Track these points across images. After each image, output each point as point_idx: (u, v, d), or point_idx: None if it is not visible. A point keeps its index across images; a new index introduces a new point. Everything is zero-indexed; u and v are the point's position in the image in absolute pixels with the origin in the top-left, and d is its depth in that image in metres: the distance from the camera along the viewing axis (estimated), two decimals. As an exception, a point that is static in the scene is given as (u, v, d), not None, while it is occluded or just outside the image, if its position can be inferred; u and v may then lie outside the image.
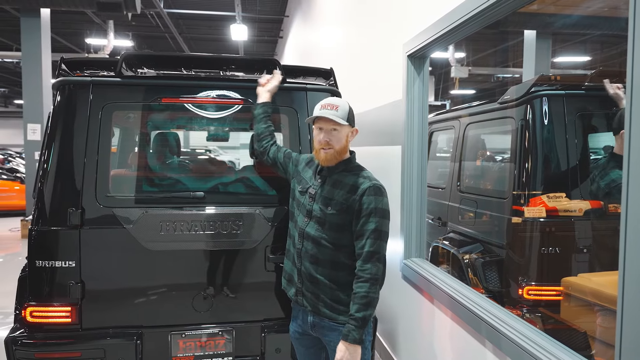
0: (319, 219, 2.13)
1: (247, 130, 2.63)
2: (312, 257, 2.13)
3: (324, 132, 2.10)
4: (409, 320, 3.30)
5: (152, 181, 2.52)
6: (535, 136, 2.98)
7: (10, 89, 24.19)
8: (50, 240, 2.41)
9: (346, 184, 2.11)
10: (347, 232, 2.10)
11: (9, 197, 11.10)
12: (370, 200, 2.04)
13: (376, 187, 2.07)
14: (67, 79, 2.48)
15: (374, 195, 2.04)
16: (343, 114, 2.10)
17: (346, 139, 2.14)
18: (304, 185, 2.24)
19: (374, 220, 2.02)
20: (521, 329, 1.98)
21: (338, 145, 2.11)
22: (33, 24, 8.96)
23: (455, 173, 4.01)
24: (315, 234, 2.12)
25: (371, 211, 2.03)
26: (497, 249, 3.32)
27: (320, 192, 2.16)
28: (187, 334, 2.50)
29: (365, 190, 2.05)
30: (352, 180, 2.11)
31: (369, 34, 4.35)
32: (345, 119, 2.10)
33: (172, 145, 2.86)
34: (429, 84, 3.25)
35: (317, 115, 2.10)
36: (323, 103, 2.13)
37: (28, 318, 2.40)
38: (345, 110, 2.12)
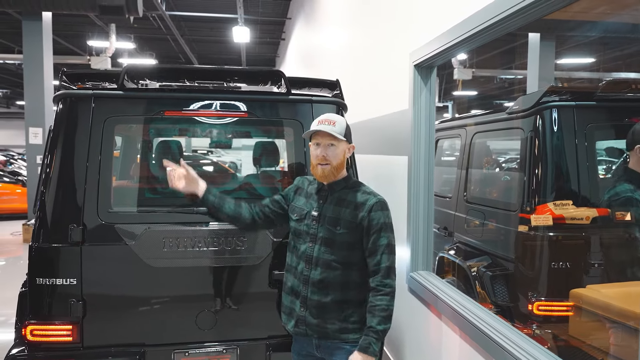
0: (326, 240, 2.09)
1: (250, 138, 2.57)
2: (320, 282, 2.08)
3: (321, 147, 2.08)
4: (415, 334, 3.24)
5: (154, 196, 2.47)
6: (545, 148, 2.93)
7: (12, 90, 24.20)
8: (51, 257, 2.36)
9: (351, 201, 2.10)
10: (357, 250, 2.09)
11: (11, 201, 11.07)
12: (379, 215, 2.05)
13: (382, 202, 2.09)
14: (69, 92, 2.43)
15: (381, 211, 2.06)
16: (340, 130, 2.08)
17: (343, 155, 2.12)
18: (299, 212, 2.19)
19: (385, 235, 2.04)
20: (532, 352, 1.93)
21: (335, 161, 2.08)
22: (35, 27, 8.93)
23: (461, 182, 3.96)
24: (324, 257, 2.08)
25: (381, 226, 2.04)
26: (505, 262, 3.26)
27: (325, 212, 2.12)
28: (191, 352, 2.45)
29: (372, 206, 2.06)
30: (357, 197, 2.10)
31: (375, 41, 4.29)
32: (342, 134, 2.08)
33: (174, 159, 2.81)
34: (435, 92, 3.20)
35: (315, 130, 2.07)
36: (320, 119, 2.11)
37: (28, 336, 2.36)
38: (343, 127, 2.10)
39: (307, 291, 2.11)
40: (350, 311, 2.08)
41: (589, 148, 2.92)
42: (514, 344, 2.02)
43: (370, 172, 3.92)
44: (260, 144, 2.93)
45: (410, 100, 3.16)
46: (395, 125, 3.51)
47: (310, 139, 2.14)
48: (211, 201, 2.18)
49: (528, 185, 2.98)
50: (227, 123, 2.57)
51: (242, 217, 2.22)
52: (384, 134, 3.79)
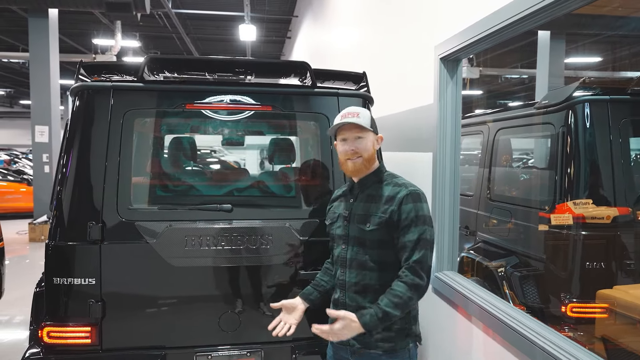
0: (358, 239, 1.96)
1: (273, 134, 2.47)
2: (356, 285, 1.96)
3: (349, 141, 1.97)
4: (440, 337, 3.13)
5: (176, 193, 2.37)
6: (578, 143, 2.82)
7: (16, 89, 24.15)
8: (68, 256, 2.27)
9: (381, 195, 1.95)
10: (390, 249, 1.94)
11: (16, 199, 11.01)
12: (409, 208, 1.88)
13: (415, 193, 1.91)
14: (86, 84, 2.34)
15: (412, 203, 1.89)
16: (366, 121, 1.96)
17: (373, 147, 2.00)
18: (332, 216, 2.10)
19: (415, 229, 1.86)
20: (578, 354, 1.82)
21: (366, 153, 1.97)
22: (41, 25, 8.85)
23: (484, 180, 3.85)
24: (357, 258, 1.96)
25: (412, 220, 1.87)
26: (535, 261, 3.15)
27: (355, 210, 2.00)
28: (213, 355, 2.36)
29: (402, 198, 1.90)
30: (387, 190, 1.96)
31: (395, 35, 4.19)
32: (369, 125, 1.97)
33: (195, 154, 2.71)
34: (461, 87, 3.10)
35: (340, 124, 1.96)
36: (343, 113, 2.00)
37: (45, 339, 2.26)
38: (368, 117, 1.99)
39: (345, 297, 1.99)
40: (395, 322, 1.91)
41: (623, 144, 2.81)
42: (559, 348, 1.91)
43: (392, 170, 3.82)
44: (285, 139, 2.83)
45: (435, 94, 3.06)
46: (418, 120, 3.40)
47: (335, 137, 2.03)
48: (315, 297, 2.13)
49: (560, 182, 2.87)
50: (249, 117, 2.47)
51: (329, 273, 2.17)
52: (406, 131, 3.69)
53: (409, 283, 1.82)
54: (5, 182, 11.35)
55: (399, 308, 1.82)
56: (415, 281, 1.82)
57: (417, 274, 1.83)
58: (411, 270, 1.83)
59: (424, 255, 1.85)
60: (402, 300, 1.81)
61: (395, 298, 1.81)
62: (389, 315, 1.81)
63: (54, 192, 2.34)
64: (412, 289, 1.82)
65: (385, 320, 1.82)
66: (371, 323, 1.82)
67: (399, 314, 1.83)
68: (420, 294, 1.86)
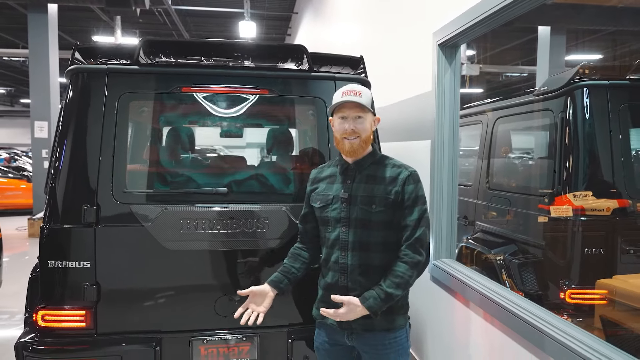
0: (362, 221, 1.93)
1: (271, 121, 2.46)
2: (360, 267, 1.94)
3: (348, 120, 1.94)
4: (438, 324, 3.12)
5: (171, 176, 2.35)
6: (577, 130, 2.80)
7: (17, 88, 24.14)
8: (63, 239, 2.25)
9: (383, 177, 1.96)
10: (394, 229, 1.95)
11: (16, 196, 11.00)
12: (411, 189, 1.93)
13: (414, 174, 1.98)
14: (81, 66, 2.32)
15: (414, 184, 1.95)
16: (367, 101, 1.95)
17: (370, 127, 1.99)
18: (323, 199, 2.04)
19: (416, 209, 1.92)
20: (576, 335, 1.81)
21: (364, 134, 1.95)
22: (40, 20, 8.85)
23: (483, 170, 3.83)
24: (361, 239, 1.93)
25: (413, 200, 1.92)
26: (533, 249, 3.13)
27: (355, 192, 1.97)
28: (209, 339, 2.34)
29: (405, 179, 1.94)
30: (388, 171, 1.97)
31: (394, 24, 4.17)
32: (369, 105, 1.97)
33: (192, 138, 2.70)
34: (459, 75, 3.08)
35: (342, 101, 1.92)
36: (344, 90, 1.96)
37: (40, 322, 2.24)
38: (369, 97, 1.99)
39: (346, 281, 1.96)
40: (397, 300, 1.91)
41: (623, 130, 2.79)
42: (557, 329, 1.90)
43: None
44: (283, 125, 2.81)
45: (434, 81, 3.04)
46: (417, 109, 3.39)
47: (333, 113, 2.00)
48: (285, 285, 2.09)
49: (559, 168, 2.85)
50: (244, 100, 2.45)
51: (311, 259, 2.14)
52: (404, 120, 3.67)
53: (409, 262, 1.86)
54: (5, 179, 11.35)
55: (401, 287, 1.86)
56: (415, 259, 1.87)
57: (417, 251, 1.88)
58: (411, 248, 1.88)
59: (423, 233, 1.90)
60: (404, 280, 1.85)
61: (397, 278, 1.85)
62: (391, 296, 1.85)
63: (48, 175, 2.33)
64: (413, 267, 1.87)
65: (388, 301, 1.86)
66: (375, 306, 1.85)
67: (400, 293, 1.86)
68: (420, 270, 1.91)
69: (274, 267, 2.38)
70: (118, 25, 12.00)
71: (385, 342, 1.95)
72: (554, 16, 8.24)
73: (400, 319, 1.98)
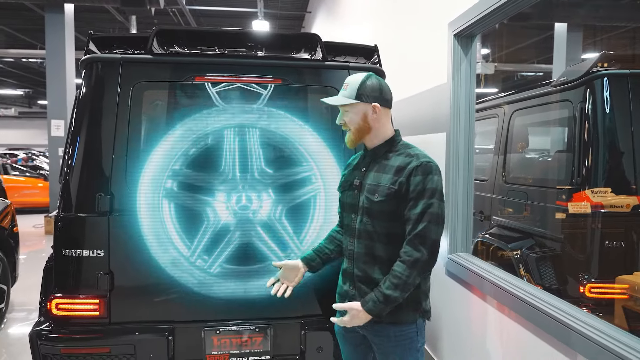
0: (367, 210, 1.89)
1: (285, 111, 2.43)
2: (366, 255, 1.91)
3: (341, 112, 1.97)
4: (454, 319, 3.07)
5: (186, 165, 2.34)
6: (596, 122, 2.73)
7: (34, 89, 24.52)
8: (77, 227, 2.25)
9: (392, 166, 1.88)
10: (399, 221, 1.86)
11: (33, 194, 11.14)
12: (418, 180, 1.80)
13: (426, 165, 1.82)
14: (95, 56, 2.33)
15: (422, 175, 1.80)
16: (351, 92, 1.90)
17: (363, 118, 1.91)
18: (343, 184, 2.06)
19: (422, 202, 1.78)
20: (600, 327, 1.75)
21: (353, 126, 1.93)
22: (57, 20, 8.96)
23: (499, 164, 3.76)
24: (366, 228, 1.90)
25: (419, 193, 1.79)
26: (551, 242, 3.06)
27: (365, 180, 1.94)
28: (222, 330, 2.32)
29: (412, 170, 1.81)
30: (399, 160, 1.88)
31: (409, 16, 4.14)
32: (353, 96, 1.89)
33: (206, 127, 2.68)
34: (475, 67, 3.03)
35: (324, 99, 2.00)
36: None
37: (54, 311, 2.25)
38: (354, 88, 1.90)
39: (353, 267, 1.94)
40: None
41: (644, 120, 2.71)
42: (577, 319, 1.84)
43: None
44: None
45: (449, 73, 3.00)
46: (432, 101, 3.35)
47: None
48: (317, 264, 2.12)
49: (577, 163, 2.78)
50: (257, 90, 2.43)
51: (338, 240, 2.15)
52: (419, 113, 3.63)
53: (406, 261, 1.77)
54: (23, 177, 11.53)
55: (400, 289, 1.77)
56: (413, 256, 1.76)
57: (416, 247, 1.77)
58: (410, 244, 1.78)
59: (426, 228, 1.77)
60: (402, 280, 1.76)
61: (395, 279, 1.77)
62: (390, 297, 1.77)
63: (63, 164, 2.33)
64: (411, 266, 1.76)
65: (389, 303, 1.78)
66: (375, 309, 1.79)
67: (399, 294, 1.77)
68: (421, 268, 1.78)
69: (289, 257, 2.37)
70: (133, 26, 12.11)
71: (391, 335, 1.89)
72: (570, 11, 8.12)
73: (409, 314, 1.89)
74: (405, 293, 1.78)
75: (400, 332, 1.89)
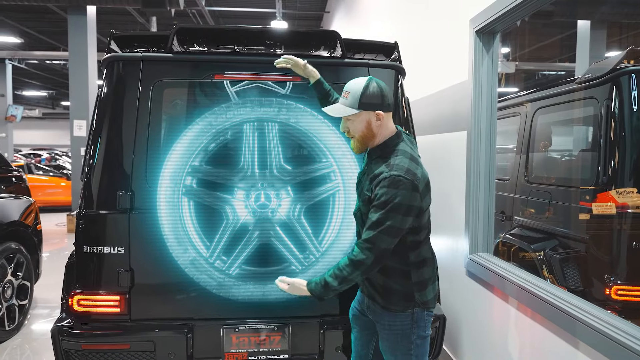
0: (358, 210, 1.99)
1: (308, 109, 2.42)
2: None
3: (343, 121, 1.96)
4: (474, 320, 3.02)
5: (205, 161, 2.35)
6: (622, 120, 2.66)
7: (58, 90, 25.02)
8: (98, 224, 2.28)
9: (373, 172, 1.89)
10: None
11: (56, 194, 11.35)
12: (382, 192, 1.79)
13: (393, 178, 1.78)
14: (117, 55, 2.35)
15: (387, 187, 1.78)
16: (352, 101, 1.87)
17: (367, 126, 1.89)
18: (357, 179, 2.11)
19: (379, 213, 1.78)
20: (629, 330, 1.70)
21: (357, 134, 1.92)
22: (80, 22, 9.12)
23: (521, 163, 3.69)
24: (358, 229, 2.02)
25: (379, 203, 1.79)
26: (576, 243, 2.99)
27: (359, 181, 2.02)
28: (241, 328, 2.32)
29: (380, 180, 1.81)
30: (378, 168, 1.88)
31: (429, 12, 4.09)
32: (355, 106, 1.86)
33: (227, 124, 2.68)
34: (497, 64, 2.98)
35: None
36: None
37: (75, 307, 2.28)
38: (356, 97, 1.86)
39: None
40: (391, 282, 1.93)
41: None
42: (603, 321, 1.79)
43: (424, 154, 3.73)
44: None
45: (470, 70, 2.95)
46: (452, 99, 3.30)
47: None
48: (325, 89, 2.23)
49: (603, 162, 2.71)
50: (277, 87, 2.42)
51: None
52: (439, 111, 3.59)
53: (351, 260, 1.82)
54: (46, 177, 11.75)
55: (338, 280, 1.83)
56: (358, 257, 1.81)
57: (363, 251, 1.81)
58: (359, 246, 1.83)
59: (376, 237, 1.79)
60: (342, 274, 1.83)
61: (337, 271, 1.84)
62: (328, 285, 1.84)
63: (85, 162, 2.36)
64: (353, 265, 1.81)
65: (327, 289, 1.85)
66: (315, 289, 1.87)
67: (337, 285, 1.83)
68: (363, 271, 1.83)
69: (307, 259, 2.36)
70: (153, 27, 12.26)
71: (385, 322, 1.96)
72: (594, 8, 7.94)
73: (399, 303, 1.93)
74: (343, 285, 1.84)
75: (394, 321, 1.94)
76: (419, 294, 1.94)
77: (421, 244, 1.94)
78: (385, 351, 1.99)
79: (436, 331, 2.43)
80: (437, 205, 3.52)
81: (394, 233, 1.79)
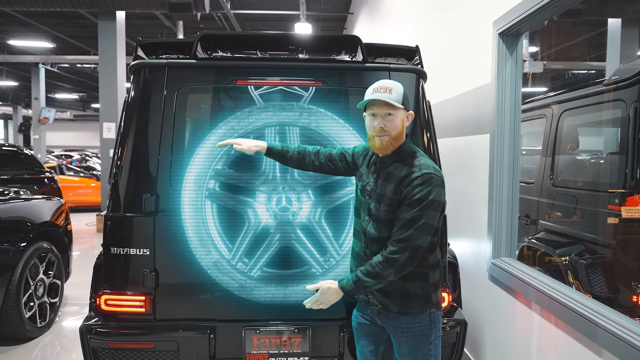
0: (375, 217, 1.94)
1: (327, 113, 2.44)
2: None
3: (378, 117, 1.90)
4: (497, 325, 2.99)
5: (228, 165, 2.39)
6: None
7: (88, 93, 25.68)
8: (125, 227, 2.34)
9: (397, 176, 1.89)
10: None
11: (86, 194, 11.65)
12: (417, 190, 1.82)
13: (425, 175, 1.83)
14: (143, 61, 2.41)
15: (422, 185, 1.82)
16: (398, 97, 1.88)
17: (402, 124, 1.92)
18: (363, 182, 2.05)
19: (414, 209, 1.81)
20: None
21: (394, 132, 1.90)
22: (109, 27, 9.35)
23: (547, 166, 3.63)
24: (376, 234, 1.94)
25: (414, 200, 1.81)
26: (602, 248, 2.92)
27: (375, 188, 1.97)
28: (262, 329, 2.35)
29: (413, 179, 1.83)
30: (404, 171, 1.88)
31: (452, 14, 4.07)
32: (400, 101, 1.88)
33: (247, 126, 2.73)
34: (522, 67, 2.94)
35: (371, 98, 1.89)
36: (375, 86, 1.93)
37: (102, 306, 2.35)
38: (400, 93, 1.90)
39: None
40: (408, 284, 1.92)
41: None
42: (630, 331, 1.76)
43: (446, 157, 3.71)
44: None
45: (493, 72, 2.93)
46: (475, 102, 3.27)
47: (365, 109, 1.96)
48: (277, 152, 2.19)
49: (631, 165, 2.65)
50: (298, 92, 2.45)
51: (305, 164, 2.20)
52: (462, 114, 3.56)
53: (386, 257, 1.83)
54: (77, 177, 12.09)
55: (372, 277, 1.85)
56: (392, 255, 1.82)
57: (398, 249, 1.82)
58: (394, 245, 1.83)
59: (411, 235, 1.81)
60: (375, 270, 1.84)
61: (370, 267, 1.86)
62: (361, 281, 1.86)
63: (112, 166, 2.43)
64: (387, 261, 1.83)
65: (359, 286, 1.87)
66: (347, 286, 1.90)
67: (371, 281, 1.85)
68: (398, 269, 1.83)
69: (328, 262, 2.38)
70: (180, 31, 12.47)
71: (404, 325, 1.94)
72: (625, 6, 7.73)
73: (417, 305, 1.93)
74: (377, 283, 1.86)
75: (413, 323, 1.94)
76: (435, 294, 1.97)
77: (436, 245, 1.96)
78: (403, 355, 1.98)
79: (457, 336, 2.42)
80: (459, 208, 3.50)
81: (428, 230, 1.83)
